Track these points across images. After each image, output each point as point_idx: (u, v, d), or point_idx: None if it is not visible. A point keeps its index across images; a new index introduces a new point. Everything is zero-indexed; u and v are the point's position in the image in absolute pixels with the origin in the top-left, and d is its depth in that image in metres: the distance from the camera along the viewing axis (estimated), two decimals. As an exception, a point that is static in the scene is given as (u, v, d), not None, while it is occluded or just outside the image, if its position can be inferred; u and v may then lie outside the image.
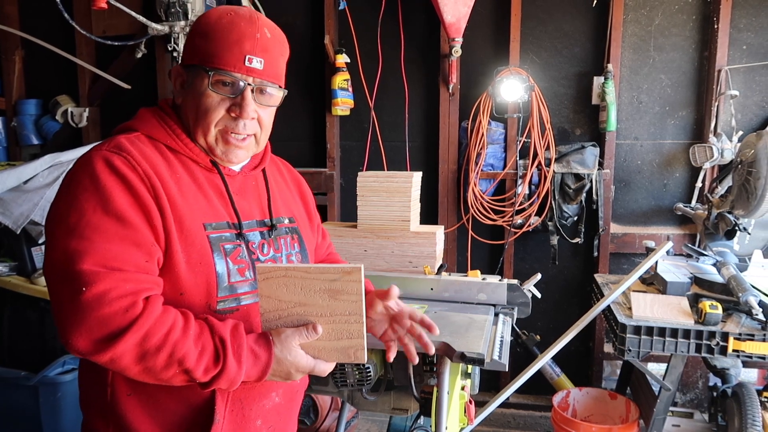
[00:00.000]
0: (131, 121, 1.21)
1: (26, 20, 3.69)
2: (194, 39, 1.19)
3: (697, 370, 3.21)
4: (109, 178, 1.07)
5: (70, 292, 0.99)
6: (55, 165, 2.65)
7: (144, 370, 1.03)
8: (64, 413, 2.62)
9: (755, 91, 3.06)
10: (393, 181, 2.23)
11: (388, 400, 1.99)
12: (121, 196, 1.06)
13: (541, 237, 3.30)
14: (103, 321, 0.99)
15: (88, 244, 1.02)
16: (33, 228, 2.64)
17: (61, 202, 1.07)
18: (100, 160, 1.08)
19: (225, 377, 1.06)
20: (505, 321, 1.98)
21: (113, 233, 1.04)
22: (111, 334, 1.00)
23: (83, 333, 0.99)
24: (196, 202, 1.17)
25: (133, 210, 1.07)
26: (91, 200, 1.04)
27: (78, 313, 0.99)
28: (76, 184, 1.07)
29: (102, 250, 1.02)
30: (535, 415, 3.31)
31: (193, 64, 1.18)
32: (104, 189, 1.06)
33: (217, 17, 1.17)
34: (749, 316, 2.09)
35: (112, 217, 1.05)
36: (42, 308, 2.65)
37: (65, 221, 1.04)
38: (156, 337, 1.02)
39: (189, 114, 1.20)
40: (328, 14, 3.31)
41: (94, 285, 0.99)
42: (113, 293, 1.00)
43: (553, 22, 3.20)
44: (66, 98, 3.65)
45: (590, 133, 3.24)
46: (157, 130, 1.19)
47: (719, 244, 2.61)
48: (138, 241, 1.06)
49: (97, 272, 1.00)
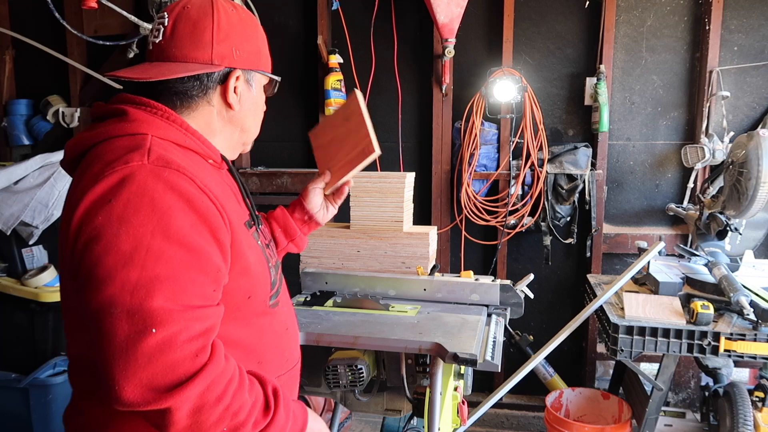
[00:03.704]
0: (129, 124, 1.06)
1: (17, 20, 3.66)
2: (258, 44, 1.19)
3: (689, 369, 3.22)
4: (164, 196, 0.94)
5: (134, 332, 0.87)
6: (45, 165, 2.63)
7: (189, 427, 0.91)
8: (55, 416, 2.61)
9: (746, 92, 3.07)
10: (386, 182, 2.22)
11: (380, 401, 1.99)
12: (182, 217, 0.94)
13: (534, 237, 3.31)
14: (168, 367, 0.88)
15: (152, 275, 0.89)
16: (23, 229, 2.62)
17: (108, 228, 0.91)
18: (149, 177, 0.95)
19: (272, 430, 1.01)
20: (498, 321, 1.98)
21: (178, 261, 0.92)
22: (174, 383, 0.88)
23: (141, 379, 0.86)
24: (231, 202, 1.11)
25: (196, 231, 0.96)
26: (147, 224, 0.91)
27: (141, 356, 0.86)
28: (124, 207, 0.92)
29: (169, 282, 0.90)
30: (528, 416, 3.31)
31: (258, 70, 1.19)
32: (162, 210, 0.93)
33: (261, 26, 1.22)
34: (740, 316, 2.09)
35: (174, 243, 0.93)
36: (32, 310, 2.63)
37: (118, 249, 0.89)
38: (218, 388, 0.93)
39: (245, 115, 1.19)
40: (321, 14, 3.30)
41: (165, 326, 0.88)
42: (183, 335, 0.89)
43: (546, 23, 3.21)
44: (57, 98, 3.62)
45: (583, 133, 3.25)
46: (166, 131, 1.07)
47: (711, 244, 2.62)
48: (204, 268, 0.96)
49: (169, 310, 0.89)
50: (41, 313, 2.64)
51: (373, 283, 2.17)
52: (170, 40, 1.11)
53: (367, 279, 2.18)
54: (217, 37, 1.11)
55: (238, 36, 1.13)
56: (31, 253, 2.71)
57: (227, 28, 1.12)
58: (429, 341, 1.69)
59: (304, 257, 2.29)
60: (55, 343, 2.68)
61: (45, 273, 2.65)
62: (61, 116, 3.55)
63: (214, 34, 1.10)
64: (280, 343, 1.24)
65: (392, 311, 1.98)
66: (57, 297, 2.62)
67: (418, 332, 1.77)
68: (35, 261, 2.71)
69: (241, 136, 1.22)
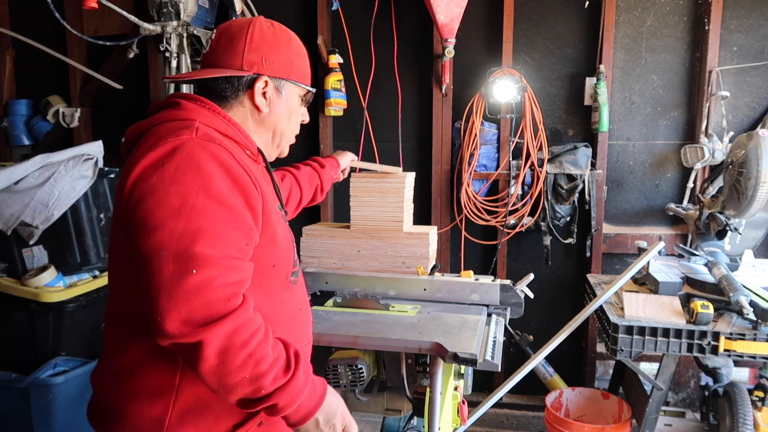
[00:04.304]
0: (181, 112, 1.22)
1: (17, 20, 3.66)
2: (291, 56, 1.34)
3: (689, 369, 3.22)
4: (208, 164, 1.10)
5: (178, 273, 1.02)
6: (45, 166, 2.63)
7: (216, 366, 1.04)
8: (56, 415, 2.60)
9: (746, 92, 3.08)
10: (386, 182, 2.22)
11: (381, 401, 1.99)
12: (221, 181, 1.10)
13: (534, 237, 3.31)
14: (204, 305, 1.02)
15: (195, 226, 1.04)
16: (23, 229, 2.62)
17: (160, 185, 1.07)
18: (196, 148, 1.11)
19: (288, 390, 1.11)
20: (498, 321, 1.98)
21: (217, 216, 1.07)
22: (207, 319, 1.02)
23: (180, 313, 1.00)
24: (265, 184, 1.26)
25: (233, 194, 1.11)
26: (192, 184, 1.07)
27: (181, 293, 1.01)
28: (175, 170, 1.08)
29: (210, 233, 1.05)
30: (528, 415, 3.32)
31: (290, 79, 1.34)
32: (205, 174, 1.09)
33: (302, 43, 1.40)
34: (740, 316, 2.10)
35: (215, 201, 1.08)
36: (32, 310, 2.63)
37: (168, 204, 1.05)
38: (245, 334, 1.05)
39: (275, 119, 1.34)
40: (321, 14, 3.30)
41: (204, 269, 1.02)
42: (219, 280, 1.04)
43: (546, 23, 3.21)
44: (57, 98, 3.62)
45: (583, 133, 3.25)
46: (212, 120, 1.22)
47: (710, 244, 2.62)
48: (239, 225, 1.11)
49: (208, 256, 1.03)
50: (41, 313, 2.64)
51: (373, 283, 2.17)
52: (213, 50, 1.31)
53: (367, 279, 2.18)
54: (248, 48, 1.28)
55: (269, 48, 1.30)
56: (32, 253, 2.71)
57: (259, 40, 1.29)
58: (429, 341, 1.70)
59: (304, 257, 2.30)
60: (56, 343, 2.68)
61: (45, 273, 2.65)
62: (61, 116, 3.55)
63: (246, 44, 1.28)
64: (294, 320, 1.35)
65: (392, 311, 1.98)
66: (57, 297, 2.62)
67: (418, 332, 1.77)
68: (35, 261, 2.71)
69: (274, 139, 1.37)
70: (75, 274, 2.78)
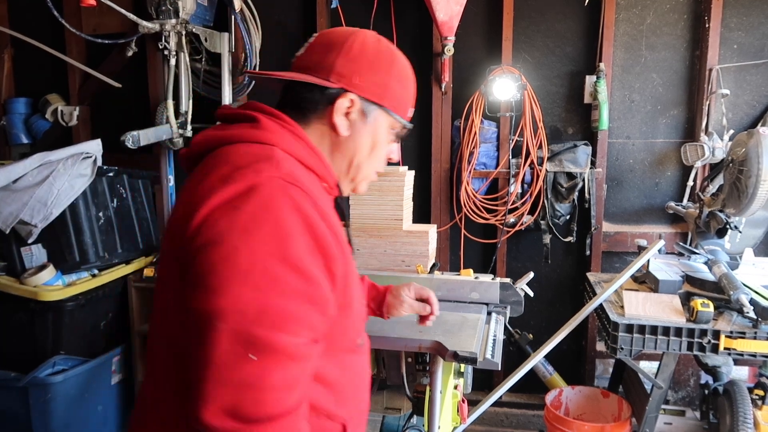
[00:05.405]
0: (260, 132, 1.04)
1: (16, 18, 3.65)
2: (389, 80, 1.15)
3: (689, 368, 3.22)
4: (288, 217, 0.92)
5: (234, 354, 0.86)
6: (44, 164, 2.62)
7: None
8: (54, 415, 2.60)
9: (746, 90, 3.07)
10: (386, 180, 2.22)
11: (380, 400, 1.99)
12: (301, 241, 0.92)
13: (534, 236, 3.31)
14: (255, 401, 0.86)
15: (263, 301, 0.88)
16: (22, 228, 2.62)
17: (229, 236, 0.90)
18: (277, 192, 0.93)
19: None
20: (498, 320, 1.98)
21: (291, 289, 0.90)
22: (254, 417, 0.86)
23: (225, 402, 0.85)
24: (341, 232, 1.05)
25: (313, 258, 0.93)
26: (268, 242, 0.89)
27: (231, 380, 0.85)
28: (249, 218, 0.90)
29: (278, 311, 0.89)
30: (528, 414, 3.31)
31: (382, 105, 1.15)
32: (283, 231, 0.91)
33: (409, 69, 1.22)
34: (740, 314, 2.09)
35: (290, 268, 0.90)
36: (31, 309, 2.63)
37: (235, 262, 0.88)
38: None
39: (354, 146, 1.15)
40: (320, 13, 3.29)
41: (265, 357, 0.87)
42: (279, 373, 0.88)
43: (546, 22, 3.20)
44: (56, 97, 3.62)
45: (582, 132, 3.24)
46: (294, 147, 1.05)
47: (711, 242, 2.62)
48: (315, 298, 0.94)
49: (272, 342, 0.87)
50: (40, 312, 2.64)
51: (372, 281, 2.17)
52: (305, 53, 1.16)
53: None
54: (342, 59, 1.11)
55: (365, 65, 1.12)
56: (30, 252, 2.71)
57: (357, 54, 1.12)
58: (429, 339, 1.69)
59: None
60: (55, 341, 2.68)
61: (44, 272, 2.64)
62: (60, 115, 3.54)
63: (341, 55, 1.11)
64: (359, 385, 1.19)
65: (392, 310, 1.97)
66: (56, 296, 2.61)
67: (418, 330, 1.77)
68: (34, 260, 2.71)
69: (350, 171, 1.17)
70: (74, 272, 2.77)
